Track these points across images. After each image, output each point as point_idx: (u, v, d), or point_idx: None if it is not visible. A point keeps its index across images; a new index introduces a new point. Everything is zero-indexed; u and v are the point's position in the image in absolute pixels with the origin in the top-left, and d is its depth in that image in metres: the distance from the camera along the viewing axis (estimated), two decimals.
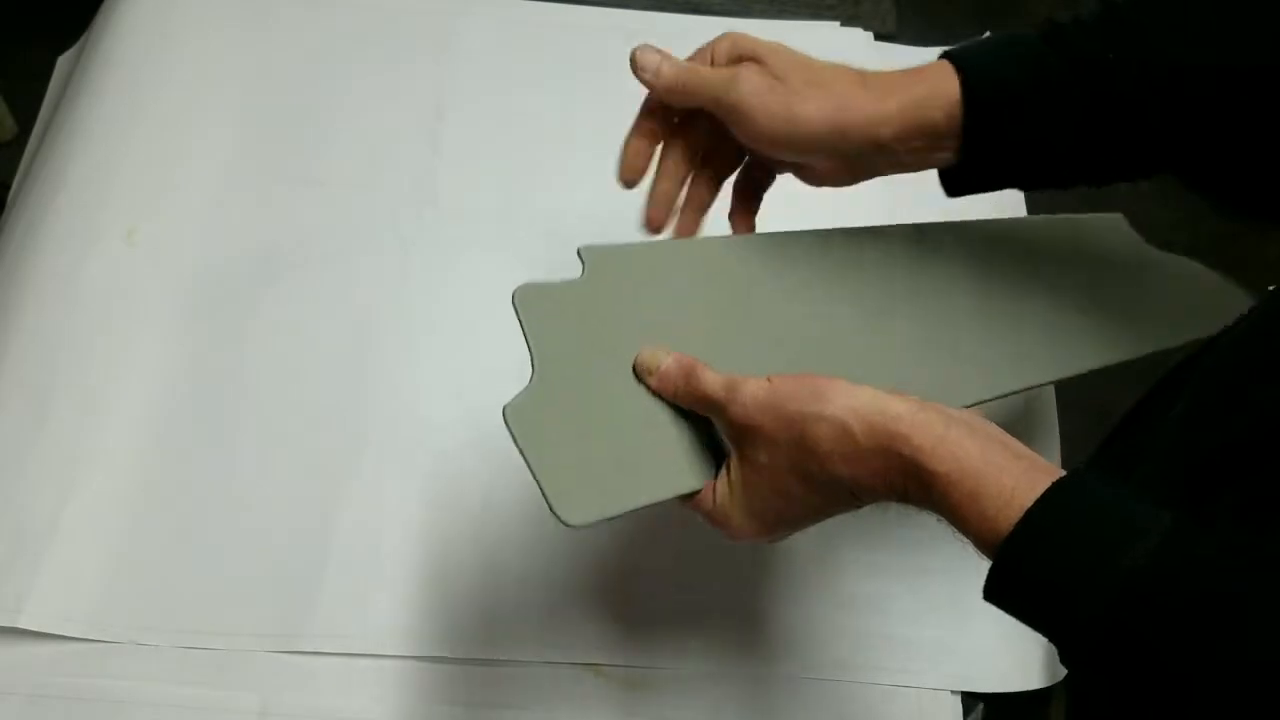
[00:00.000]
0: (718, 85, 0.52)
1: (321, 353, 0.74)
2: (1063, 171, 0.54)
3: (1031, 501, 0.40)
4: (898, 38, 0.92)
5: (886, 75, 0.52)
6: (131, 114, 0.82)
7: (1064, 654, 0.41)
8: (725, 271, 0.55)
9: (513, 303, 0.50)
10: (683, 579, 0.67)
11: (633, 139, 0.56)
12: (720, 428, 0.50)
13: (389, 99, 0.85)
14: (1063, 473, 0.42)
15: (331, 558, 0.67)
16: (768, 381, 0.47)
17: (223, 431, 0.71)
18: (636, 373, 0.51)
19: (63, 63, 0.89)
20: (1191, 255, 0.67)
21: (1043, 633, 0.42)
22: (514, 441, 0.48)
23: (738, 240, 0.57)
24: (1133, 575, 0.38)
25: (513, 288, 0.49)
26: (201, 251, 0.77)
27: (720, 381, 0.49)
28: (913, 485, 0.44)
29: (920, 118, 0.51)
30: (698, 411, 0.50)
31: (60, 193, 0.78)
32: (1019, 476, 0.41)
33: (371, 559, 0.67)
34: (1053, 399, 0.74)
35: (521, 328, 0.50)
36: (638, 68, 0.54)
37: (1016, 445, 0.43)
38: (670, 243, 0.56)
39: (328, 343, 0.75)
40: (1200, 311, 0.62)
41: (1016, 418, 0.74)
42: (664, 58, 0.54)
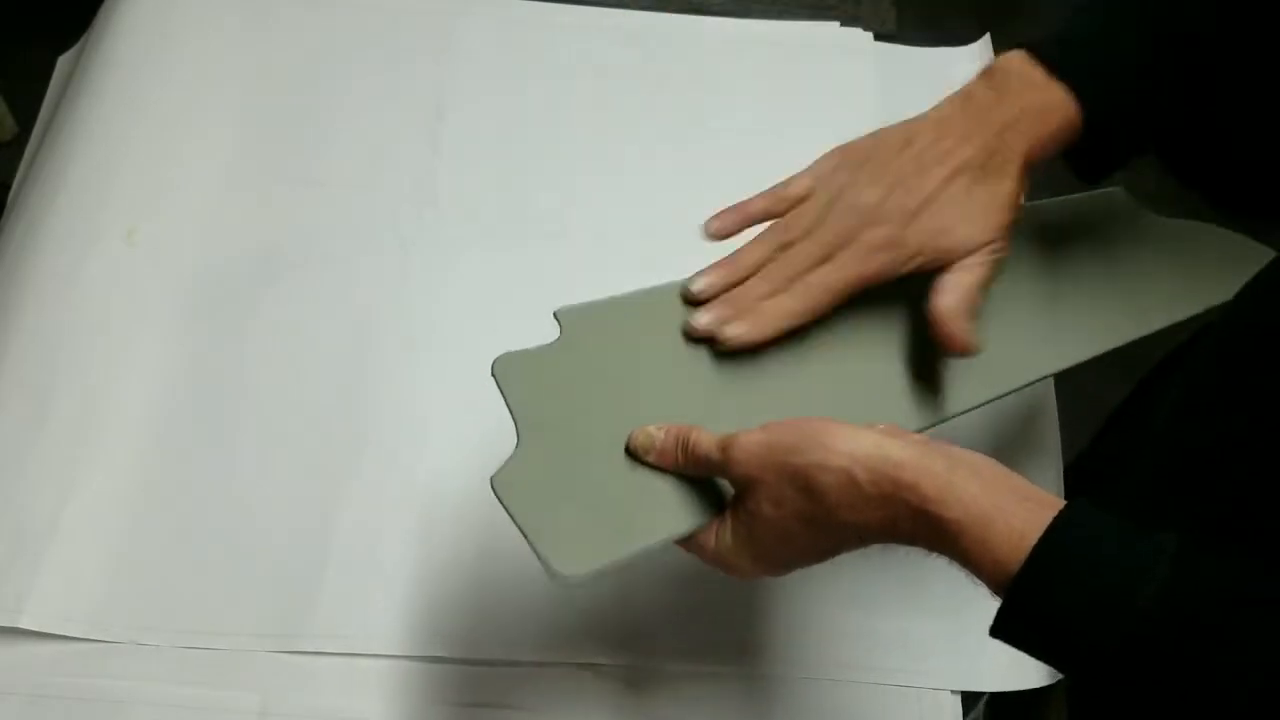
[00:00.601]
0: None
1: (321, 353, 0.74)
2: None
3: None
4: (898, 38, 0.91)
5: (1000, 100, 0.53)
6: (131, 114, 0.82)
7: (1077, 681, 0.42)
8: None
9: (492, 373, 0.50)
10: (682, 579, 0.67)
11: (739, 220, 0.55)
12: (729, 486, 0.50)
13: (389, 99, 0.85)
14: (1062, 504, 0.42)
15: (331, 558, 0.67)
16: (762, 433, 0.47)
17: (223, 431, 0.71)
18: (630, 453, 0.51)
19: (63, 63, 0.89)
20: None
21: (1058, 667, 0.42)
22: (505, 510, 0.48)
23: None
24: (1146, 605, 0.38)
25: (511, 289, 0.50)
26: (201, 251, 0.77)
27: (714, 443, 0.48)
28: (922, 531, 0.44)
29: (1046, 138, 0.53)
30: (700, 475, 0.50)
31: (60, 193, 0.78)
32: (1026, 519, 0.41)
33: (371, 559, 0.67)
34: (1052, 392, 0.74)
35: (503, 398, 0.50)
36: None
37: (1021, 484, 0.43)
38: (643, 294, 0.55)
39: (328, 343, 0.74)
40: (1220, 274, 0.60)
41: (1017, 415, 0.74)
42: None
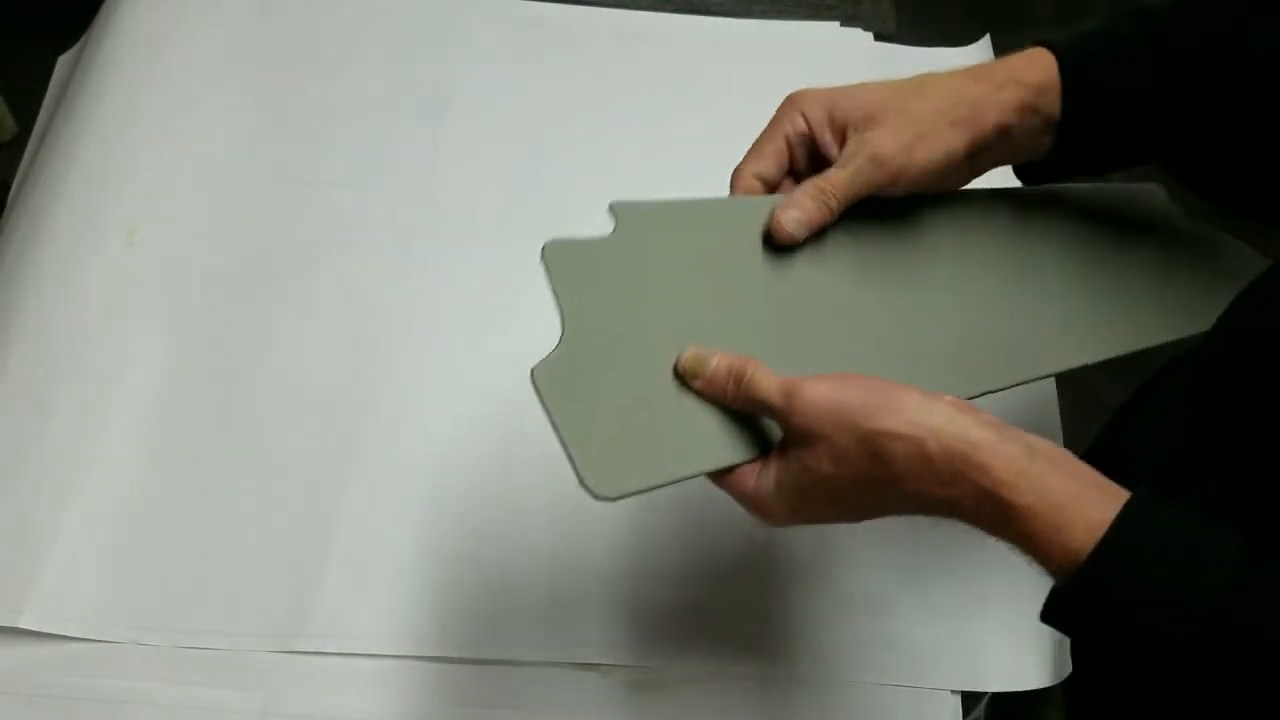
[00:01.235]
0: (853, 186, 0.51)
1: (321, 353, 0.74)
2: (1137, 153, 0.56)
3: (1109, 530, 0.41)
4: (898, 38, 0.91)
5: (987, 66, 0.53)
6: (131, 114, 0.82)
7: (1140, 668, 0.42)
8: (764, 235, 0.52)
9: (542, 257, 0.47)
10: (683, 579, 0.67)
11: (741, 184, 0.54)
12: (778, 426, 0.47)
13: (389, 99, 0.85)
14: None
15: (331, 558, 0.67)
16: (829, 387, 0.45)
17: (223, 431, 0.71)
18: (678, 374, 0.48)
19: (63, 63, 0.89)
20: None
21: (1117, 652, 0.43)
22: (542, 405, 0.45)
23: (778, 201, 0.53)
24: (1223, 588, 0.39)
25: (511, 288, 0.49)
26: (201, 251, 0.77)
27: (777, 386, 0.46)
28: (985, 512, 0.43)
29: (1030, 102, 0.52)
30: (751, 414, 0.48)
31: (61, 193, 0.78)
32: (1102, 505, 0.41)
33: (371, 559, 0.67)
34: (1053, 392, 0.74)
35: (550, 284, 0.47)
36: (784, 238, 0.51)
37: (1093, 474, 0.43)
38: (707, 201, 0.52)
39: (328, 343, 0.74)
40: (1225, 287, 0.60)
41: (1018, 415, 0.73)
42: (798, 213, 0.51)
